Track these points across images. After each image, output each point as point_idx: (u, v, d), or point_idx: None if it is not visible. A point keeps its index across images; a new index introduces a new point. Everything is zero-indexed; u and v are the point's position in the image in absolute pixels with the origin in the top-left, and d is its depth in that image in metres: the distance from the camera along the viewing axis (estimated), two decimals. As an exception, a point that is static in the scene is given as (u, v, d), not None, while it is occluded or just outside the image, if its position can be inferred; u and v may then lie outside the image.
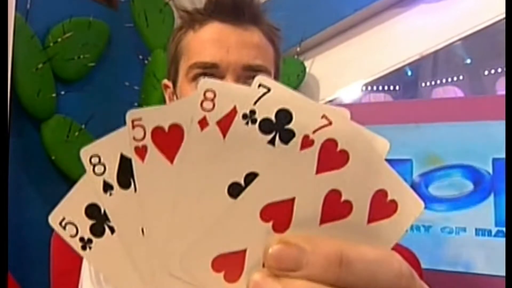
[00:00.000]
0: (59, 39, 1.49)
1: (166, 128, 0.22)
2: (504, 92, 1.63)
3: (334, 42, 1.74)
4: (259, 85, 0.22)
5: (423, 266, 1.15)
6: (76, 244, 0.23)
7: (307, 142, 0.21)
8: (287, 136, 0.21)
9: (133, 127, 0.22)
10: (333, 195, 0.21)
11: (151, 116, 0.22)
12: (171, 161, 0.22)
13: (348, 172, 0.21)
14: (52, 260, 1.05)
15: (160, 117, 0.22)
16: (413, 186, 1.31)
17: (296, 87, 1.72)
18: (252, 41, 0.65)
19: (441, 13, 1.58)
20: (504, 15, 1.36)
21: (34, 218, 1.49)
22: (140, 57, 1.74)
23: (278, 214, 0.21)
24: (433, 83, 2.12)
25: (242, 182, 0.21)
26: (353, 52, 1.71)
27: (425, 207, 1.05)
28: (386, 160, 0.24)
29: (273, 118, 0.21)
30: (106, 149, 0.23)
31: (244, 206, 0.21)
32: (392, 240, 0.23)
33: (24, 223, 1.47)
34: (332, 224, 0.21)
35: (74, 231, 0.23)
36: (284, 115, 0.21)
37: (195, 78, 0.65)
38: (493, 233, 1.20)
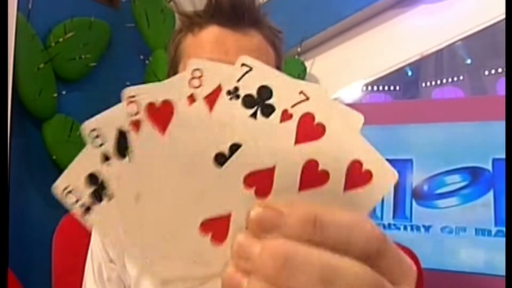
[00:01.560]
0: (61, 39, 1.49)
1: (158, 104, 0.24)
2: (504, 92, 1.63)
3: (335, 43, 1.74)
4: (242, 64, 0.24)
5: (423, 265, 1.15)
6: (77, 210, 0.25)
7: (286, 116, 0.23)
8: (268, 111, 0.23)
9: (128, 103, 0.25)
10: (311, 164, 0.23)
11: (145, 93, 0.25)
12: (163, 133, 0.24)
13: (325, 143, 0.23)
14: (54, 260, 1.06)
15: (152, 94, 0.24)
16: (414, 185, 1.31)
17: (296, 87, 1.72)
18: (252, 45, 0.64)
19: (442, 13, 1.58)
20: (504, 16, 1.36)
21: (35, 217, 1.50)
22: (141, 57, 1.74)
23: (260, 182, 0.23)
24: (433, 83, 2.12)
25: (227, 152, 0.23)
26: (354, 52, 1.71)
27: (426, 206, 1.05)
28: (387, 159, 0.24)
29: (255, 94, 0.24)
30: (104, 124, 0.25)
31: (229, 174, 0.23)
32: (367, 207, 0.24)
33: (25, 222, 1.47)
34: (310, 191, 0.23)
35: (75, 199, 0.25)
36: (265, 91, 0.24)
37: None
38: (493, 233, 1.21)
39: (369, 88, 1.90)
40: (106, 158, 0.24)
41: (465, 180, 1.26)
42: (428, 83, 2.18)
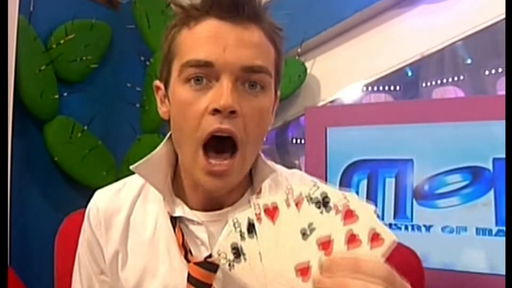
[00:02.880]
0: (62, 41, 1.50)
1: (270, 206, 0.45)
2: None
3: (335, 43, 1.75)
4: (314, 185, 0.45)
5: (424, 265, 1.16)
6: (225, 266, 0.45)
7: (337, 210, 0.44)
8: (327, 209, 0.45)
9: (254, 207, 0.45)
10: (351, 235, 0.43)
11: (262, 201, 0.46)
12: (273, 222, 0.45)
13: (358, 224, 0.44)
14: (56, 260, 1.06)
15: (266, 200, 0.45)
16: (415, 185, 1.32)
17: (297, 87, 1.72)
18: (252, 40, 0.60)
19: (442, 13, 1.58)
20: (504, 15, 1.36)
21: (36, 218, 1.50)
22: (142, 58, 1.75)
23: (325, 246, 0.43)
24: (433, 83, 2.12)
25: (308, 230, 0.44)
26: (354, 52, 1.72)
27: (427, 206, 1.06)
28: (388, 160, 0.25)
29: (321, 200, 0.45)
30: (241, 218, 0.45)
31: (310, 243, 0.44)
32: (382, 256, 0.43)
33: (27, 222, 1.48)
34: (350, 250, 0.43)
35: (224, 257, 0.45)
36: (326, 198, 0.45)
37: (188, 79, 0.60)
38: (493, 232, 1.21)
39: (370, 88, 1.90)
40: (241, 235, 0.45)
41: (465, 180, 1.26)
42: (429, 83, 2.18)
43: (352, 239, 0.42)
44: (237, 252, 0.44)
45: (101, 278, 0.72)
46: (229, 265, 0.44)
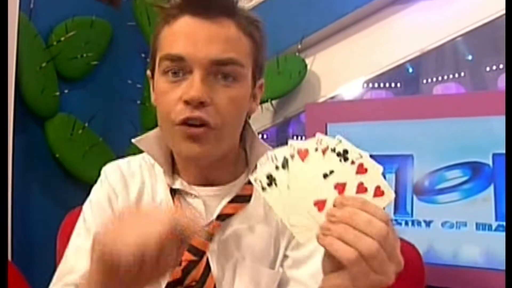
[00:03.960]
0: (62, 38, 1.50)
1: (303, 149, 0.54)
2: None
3: (335, 39, 1.75)
4: (339, 140, 0.54)
5: (424, 260, 1.16)
6: (259, 187, 0.54)
7: (353, 163, 0.54)
8: (345, 159, 0.54)
9: (289, 147, 0.54)
10: (360, 185, 0.54)
11: (297, 144, 0.54)
12: (303, 160, 0.54)
13: (366, 177, 0.54)
14: (59, 256, 1.07)
15: (298, 145, 0.54)
16: (415, 181, 1.32)
17: (297, 84, 1.72)
18: (221, 34, 0.66)
19: (442, 9, 1.58)
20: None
21: (38, 214, 1.51)
22: (142, 55, 1.75)
23: (339, 188, 0.53)
24: (434, 79, 2.12)
25: (328, 173, 0.54)
26: (354, 49, 1.71)
27: (427, 201, 1.06)
28: (388, 155, 0.26)
29: (341, 152, 0.54)
30: (278, 154, 0.54)
31: (328, 184, 0.53)
32: (382, 205, 0.53)
33: (28, 218, 1.48)
34: (359, 194, 0.53)
35: (259, 183, 0.54)
36: (344, 151, 0.54)
37: (166, 71, 0.67)
38: (493, 227, 1.21)
39: (370, 85, 1.90)
40: (277, 167, 0.54)
41: (465, 175, 1.27)
42: (429, 80, 2.18)
43: (361, 187, 0.53)
44: (270, 180, 0.53)
45: None
46: (262, 188, 0.53)
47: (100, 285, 0.52)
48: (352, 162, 0.53)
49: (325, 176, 0.53)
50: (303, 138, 1.86)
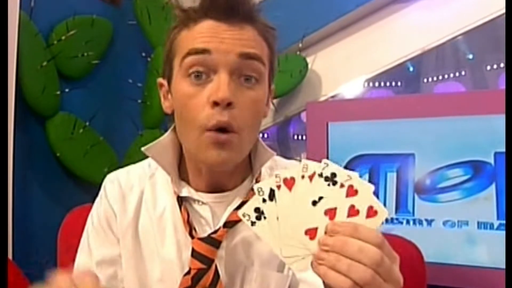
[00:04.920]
0: (63, 37, 1.50)
1: (289, 177, 0.52)
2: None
3: (336, 38, 1.75)
4: (324, 163, 0.52)
5: (426, 259, 1.16)
6: (248, 223, 0.53)
7: (342, 186, 0.52)
8: (334, 183, 0.52)
9: (275, 178, 0.53)
10: (352, 207, 0.51)
11: (283, 173, 0.53)
12: (290, 191, 0.52)
13: (357, 199, 0.52)
14: (59, 255, 1.07)
15: (285, 173, 0.53)
16: (416, 180, 1.32)
17: (298, 83, 1.72)
18: (246, 38, 0.66)
19: (443, 8, 1.58)
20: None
21: (39, 213, 1.51)
22: (143, 54, 1.75)
23: (331, 213, 0.51)
24: (435, 78, 2.12)
25: (317, 199, 0.52)
26: (355, 48, 1.71)
27: (428, 200, 1.06)
28: (389, 154, 0.25)
29: (329, 176, 0.52)
30: (264, 186, 0.53)
31: (318, 210, 0.52)
32: (376, 226, 0.51)
33: (29, 217, 1.48)
34: (350, 218, 0.51)
35: (248, 217, 0.53)
36: (333, 175, 0.52)
37: (189, 74, 0.65)
38: (495, 226, 1.21)
39: (371, 83, 1.90)
40: (264, 200, 0.53)
41: (467, 174, 1.27)
42: (430, 79, 2.17)
43: (352, 210, 0.51)
44: (259, 213, 0.53)
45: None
46: (252, 223, 0.53)
47: None
48: (342, 185, 0.51)
49: (314, 203, 0.52)
50: (304, 137, 1.87)
